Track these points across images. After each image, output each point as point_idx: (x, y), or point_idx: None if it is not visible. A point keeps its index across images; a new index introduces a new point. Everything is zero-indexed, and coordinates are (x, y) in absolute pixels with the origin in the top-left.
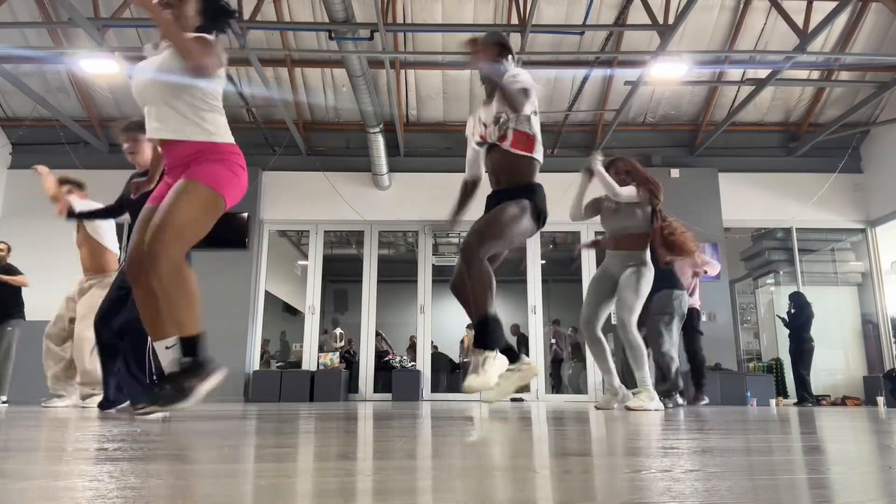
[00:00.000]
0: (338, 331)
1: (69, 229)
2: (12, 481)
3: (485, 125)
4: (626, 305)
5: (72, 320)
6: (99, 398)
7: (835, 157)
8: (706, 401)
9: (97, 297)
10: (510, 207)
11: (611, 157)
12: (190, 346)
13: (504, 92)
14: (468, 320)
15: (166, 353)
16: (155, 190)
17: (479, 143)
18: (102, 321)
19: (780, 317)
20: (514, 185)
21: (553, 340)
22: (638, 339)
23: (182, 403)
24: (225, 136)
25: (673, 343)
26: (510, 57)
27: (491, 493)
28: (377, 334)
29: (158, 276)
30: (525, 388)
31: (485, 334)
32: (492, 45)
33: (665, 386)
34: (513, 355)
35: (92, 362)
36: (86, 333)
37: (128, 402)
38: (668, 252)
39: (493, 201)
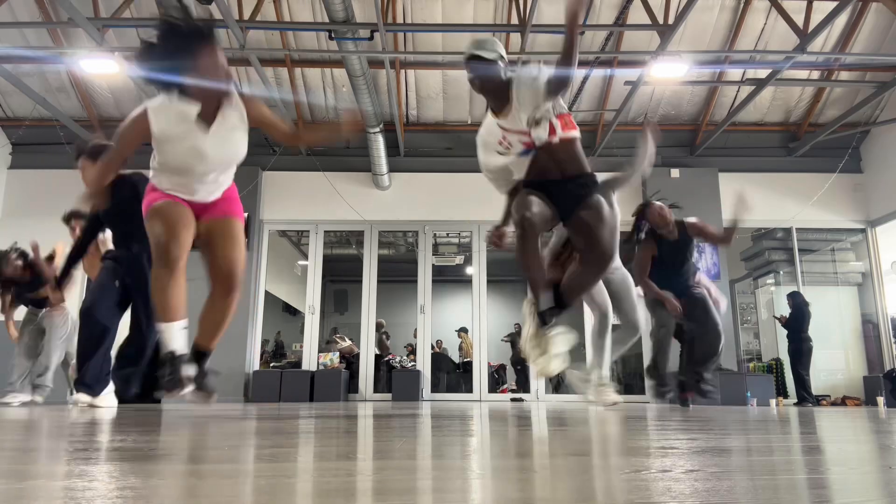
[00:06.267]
0: (337, 335)
1: (68, 230)
2: (12, 481)
3: (519, 132)
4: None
5: None
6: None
7: (835, 157)
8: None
9: None
10: (606, 210)
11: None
12: (203, 355)
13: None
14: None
15: (180, 333)
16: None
17: (523, 153)
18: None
19: (776, 317)
20: (581, 173)
21: None
22: None
23: (175, 392)
24: None
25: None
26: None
27: (491, 493)
28: (384, 333)
29: (234, 300)
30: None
31: None
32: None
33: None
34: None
35: None
36: None
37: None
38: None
39: (558, 188)
